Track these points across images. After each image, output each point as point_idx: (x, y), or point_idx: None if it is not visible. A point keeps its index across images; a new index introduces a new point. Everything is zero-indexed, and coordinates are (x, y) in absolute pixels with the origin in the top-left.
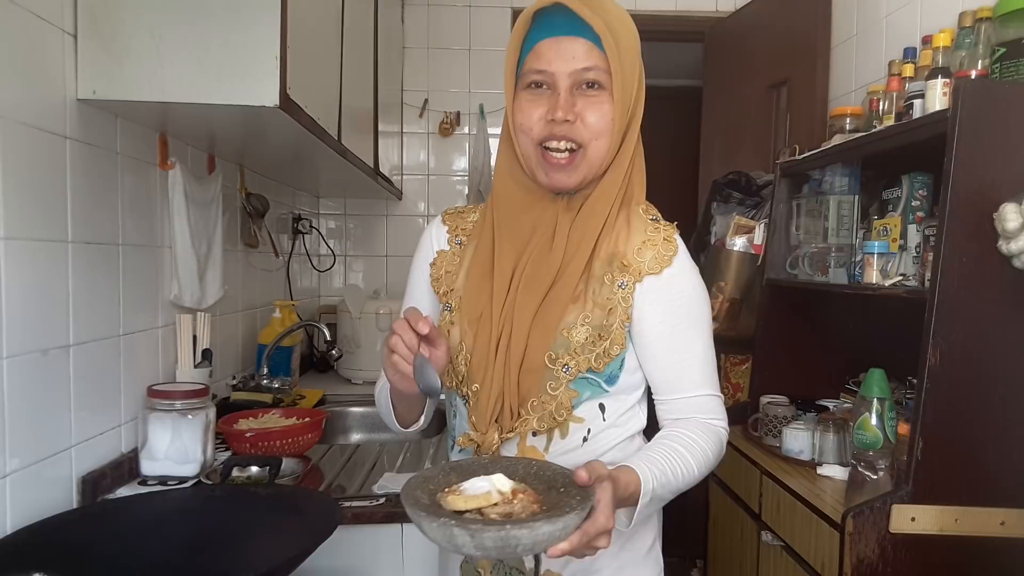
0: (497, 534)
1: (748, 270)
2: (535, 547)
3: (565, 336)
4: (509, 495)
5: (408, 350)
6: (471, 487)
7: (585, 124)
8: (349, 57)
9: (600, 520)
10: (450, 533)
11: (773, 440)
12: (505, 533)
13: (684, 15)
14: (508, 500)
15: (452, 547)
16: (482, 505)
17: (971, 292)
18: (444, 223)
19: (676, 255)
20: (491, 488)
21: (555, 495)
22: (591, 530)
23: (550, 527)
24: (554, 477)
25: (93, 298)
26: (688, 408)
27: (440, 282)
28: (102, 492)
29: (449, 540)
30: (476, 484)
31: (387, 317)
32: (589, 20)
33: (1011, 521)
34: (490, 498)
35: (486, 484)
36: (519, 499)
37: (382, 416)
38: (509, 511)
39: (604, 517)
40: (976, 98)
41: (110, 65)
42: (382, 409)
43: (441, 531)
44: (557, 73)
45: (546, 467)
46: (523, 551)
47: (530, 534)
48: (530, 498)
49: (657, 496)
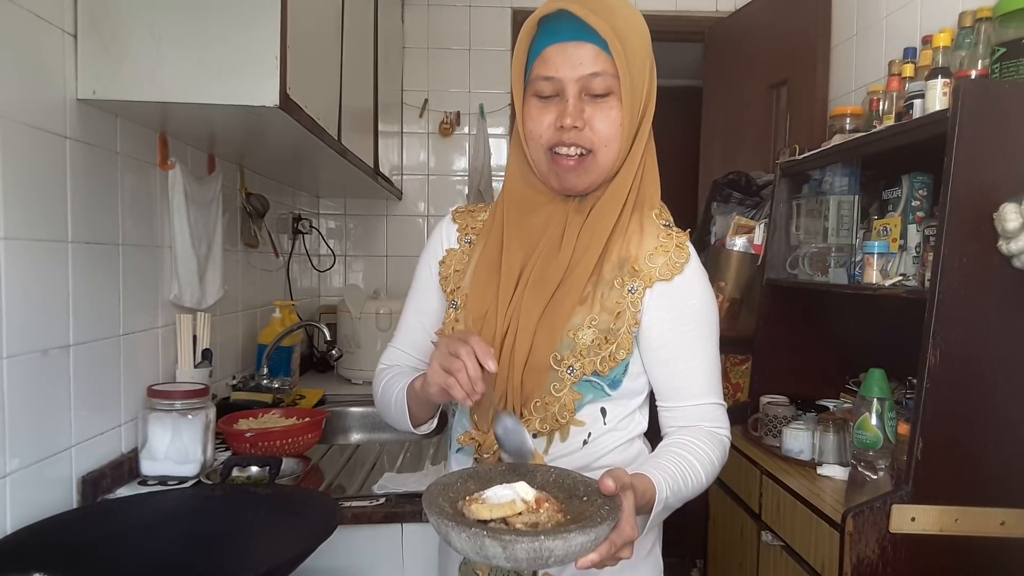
0: (531, 545)
1: (748, 270)
2: (567, 558)
3: (571, 338)
4: (533, 504)
5: (469, 380)
6: (494, 496)
7: (594, 130)
8: (349, 57)
9: (626, 530)
10: (481, 544)
11: (773, 440)
12: (539, 544)
13: (684, 15)
14: (533, 509)
15: (481, 558)
16: (507, 514)
17: (971, 292)
18: (454, 221)
19: (688, 263)
20: (515, 497)
21: (577, 504)
22: (618, 540)
23: (583, 538)
24: (575, 485)
25: (93, 298)
26: (693, 416)
27: (448, 280)
28: (102, 492)
29: (479, 551)
30: (499, 492)
31: (387, 317)
32: (595, 25)
33: (1011, 521)
34: (514, 507)
35: (510, 493)
36: (544, 508)
37: (390, 415)
38: (535, 520)
39: (630, 527)
40: (976, 98)
41: (110, 65)
42: (394, 409)
43: (471, 542)
44: (565, 79)
45: (565, 475)
46: (555, 562)
47: (564, 545)
48: (554, 507)
49: (669, 505)
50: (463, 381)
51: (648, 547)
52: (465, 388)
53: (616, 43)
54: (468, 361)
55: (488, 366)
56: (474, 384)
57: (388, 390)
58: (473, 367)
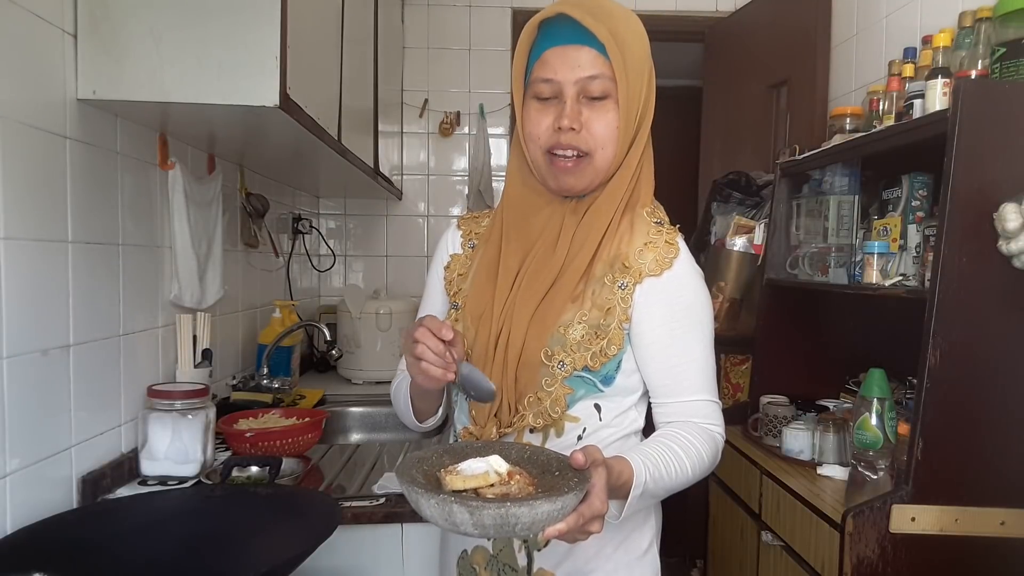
0: (497, 511)
1: (748, 270)
2: (533, 526)
3: (562, 333)
4: (506, 476)
5: (436, 355)
6: (468, 468)
7: (591, 133)
8: (349, 57)
9: (595, 503)
10: (449, 510)
11: (773, 440)
12: (505, 511)
13: (684, 15)
14: (505, 481)
15: (450, 525)
16: (480, 485)
17: (971, 292)
18: (459, 228)
19: (677, 258)
20: (488, 469)
21: (550, 478)
22: (586, 512)
23: (549, 506)
24: (548, 461)
25: (93, 298)
26: (685, 412)
27: (452, 284)
28: (102, 492)
29: (448, 518)
30: (473, 465)
31: (387, 317)
32: (593, 29)
33: (1011, 521)
34: (487, 479)
35: (483, 465)
36: (515, 480)
37: (402, 415)
38: (506, 492)
39: (599, 501)
40: (976, 98)
41: (110, 65)
42: (400, 408)
43: (440, 508)
44: (563, 81)
45: (540, 452)
46: (521, 530)
47: (529, 512)
48: (526, 480)
49: (649, 491)
50: (431, 358)
51: (645, 546)
52: (436, 363)
53: (614, 47)
54: (427, 340)
55: (443, 335)
56: (443, 357)
57: (398, 392)
58: (434, 343)
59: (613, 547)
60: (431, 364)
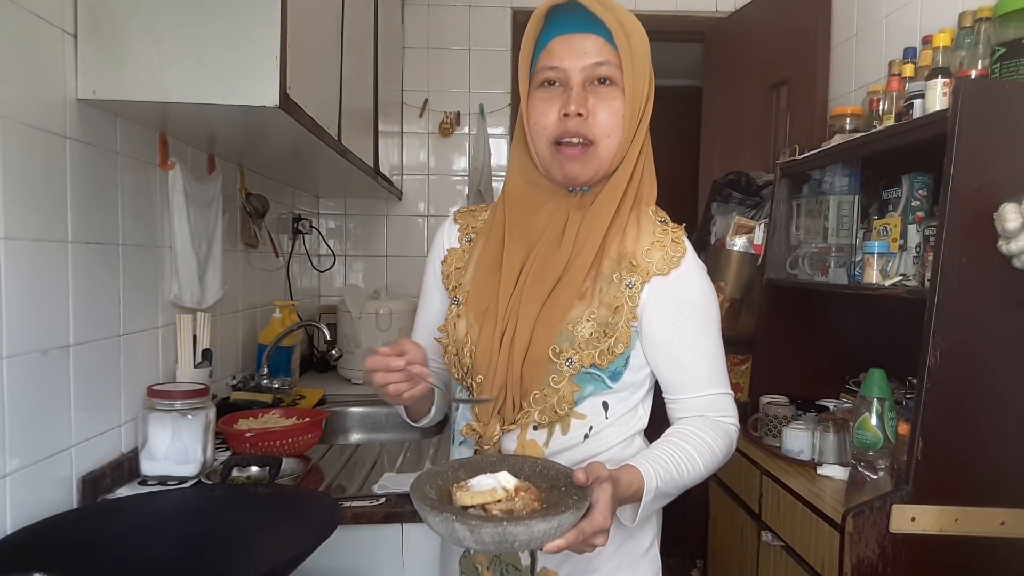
0: (495, 530)
1: (748, 270)
2: (531, 543)
3: (570, 330)
4: (512, 493)
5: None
6: (478, 484)
7: (596, 120)
8: (349, 57)
9: (597, 519)
10: (452, 528)
11: (773, 440)
12: (502, 529)
13: (684, 15)
14: (510, 497)
15: (454, 540)
16: (487, 501)
17: (971, 292)
18: (456, 221)
19: (684, 257)
20: (496, 485)
21: (556, 494)
22: (587, 529)
23: (545, 525)
24: (557, 476)
25: (93, 298)
26: (698, 407)
27: (450, 278)
28: (102, 492)
29: (451, 534)
30: (483, 481)
31: (387, 317)
32: (601, 16)
33: (1011, 521)
34: (495, 495)
35: (491, 481)
36: (520, 497)
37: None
38: (511, 508)
39: (601, 517)
40: (976, 98)
41: (110, 65)
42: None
43: (444, 525)
44: (569, 69)
45: (551, 467)
46: (520, 547)
47: (525, 531)
48: (532, 496)
49: (662, 492)
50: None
51: (646, 545)
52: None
53: (621, 34)
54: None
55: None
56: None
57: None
58: (394, 363)
59: (615, 546)
60: (396, 384)
